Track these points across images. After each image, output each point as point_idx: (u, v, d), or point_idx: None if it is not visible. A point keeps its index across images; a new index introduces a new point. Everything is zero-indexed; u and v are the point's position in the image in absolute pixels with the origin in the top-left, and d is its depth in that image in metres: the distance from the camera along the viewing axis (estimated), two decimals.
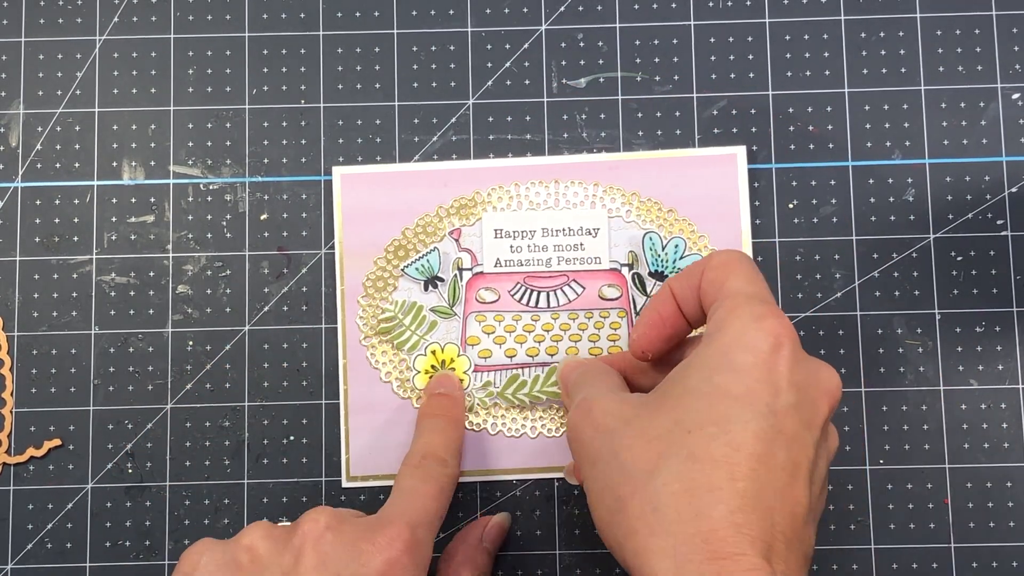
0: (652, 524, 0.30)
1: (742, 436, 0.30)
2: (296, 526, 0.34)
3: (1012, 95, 0.44)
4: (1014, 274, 0.43)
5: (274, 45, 0.44)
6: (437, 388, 0.42)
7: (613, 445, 0.32)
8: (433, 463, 0.38)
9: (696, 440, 0.30)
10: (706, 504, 0.29)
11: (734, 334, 0.32)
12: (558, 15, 0.44)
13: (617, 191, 0.43)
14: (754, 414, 0.30)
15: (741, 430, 0.30)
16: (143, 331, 0.43)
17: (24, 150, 0.44)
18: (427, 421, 0.41)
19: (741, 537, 0.29)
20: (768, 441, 0.30)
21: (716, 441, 0.30)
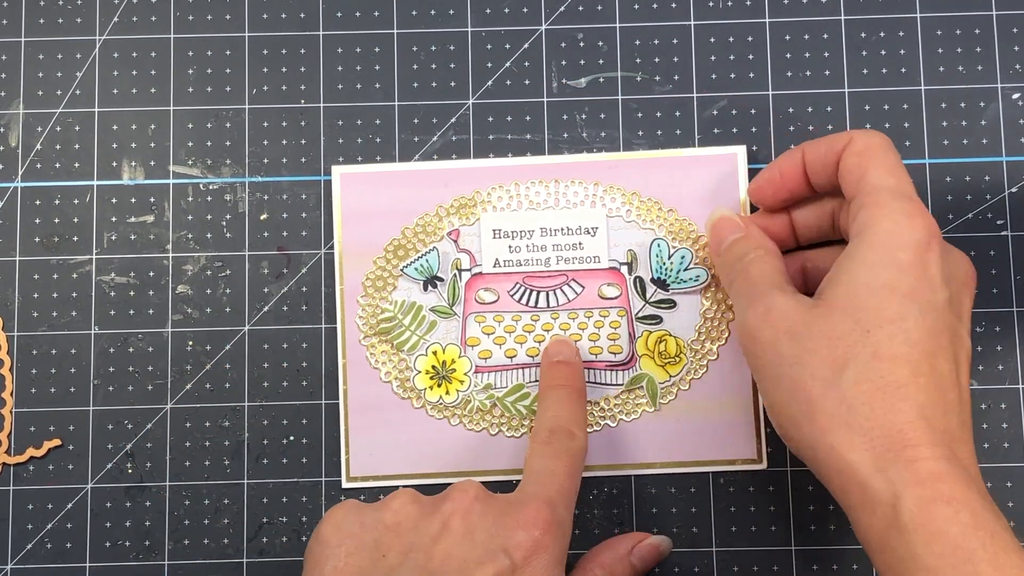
0: (848, 421, 0.32)
1: (917, 333, 0.32)
2: (444, 496, 0.34)
3: (1012, 95, 0.44)
4: (1014, 274, 0.43)
5: (274, 45, 0.44)
6: (556, 356, 0.41)
7: (798, 349, 0.34)
8: (563, 437, 0.38)
9: (877, 339, 0.32)
10: (897, 399, 0.32)
11: (890, 231, 0.33)
12: (558, 15, 0.44)
13: (617, 191, 0.43)
14: (921, 310, 0.32)
15: (915, 327, 0.32)
16: (143, 331, 0.43)
17: (24, 150, 0.44)
18: (551, 392, 0.40)
19: (930, 430, 0.31)
20: (936, 336, 0.32)
21: (895, 339, 0.32)
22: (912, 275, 0.33)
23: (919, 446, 0.31)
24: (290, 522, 0.42)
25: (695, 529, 0.42)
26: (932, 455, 0.31)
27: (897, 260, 0.33)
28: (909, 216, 0.34)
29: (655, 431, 0.42)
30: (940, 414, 0.32)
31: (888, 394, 0.32)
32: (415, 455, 0.42)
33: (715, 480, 0.42)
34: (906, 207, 0.34)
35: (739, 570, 0.42)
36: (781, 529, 0.42)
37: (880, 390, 0.32)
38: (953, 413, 0.32)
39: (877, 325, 0.32)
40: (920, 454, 0.31)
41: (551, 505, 0.34)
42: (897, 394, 0.32)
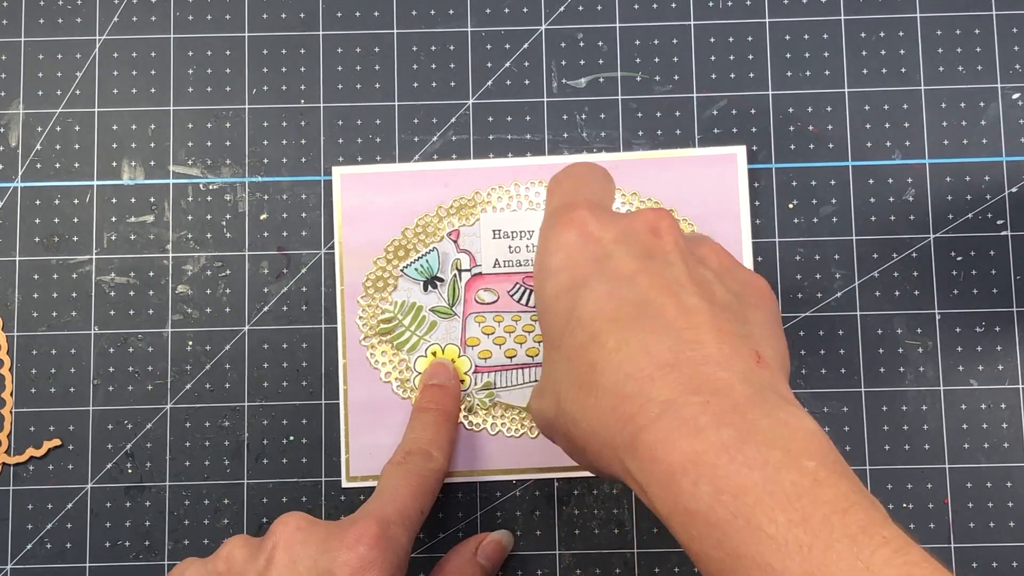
0: (582, 435, 0.29)
1: (589, 308, 0.29)
2: (270, 531, 0.34)
3: (1012, 95, 0.44)
4: (1014, 274, 0.43)
5: (274, 45, 0.44)
6: (431, 379, 0.42)
7: (545, 416, 0.32)
8: (417, 458, 0.38)
9: (564, 346, 0.30)
10: (596, 381, 0.28)
11: (541, 250, 0.32)
12: (558, 15, 0.44)
13: (617, 191, 0.43)
14: (588, 286, 0.29)
15: (584, 305, 0.29)
16: (143, 331, 0.43)
17: (24, 150, 0.44)
18: (418, 415, 0.41)
19: (637, 381, 0.27)
20: (614, 292, 0.29)
21: (575, 332, 0.29)
22: (569, 267, 0.31)
23: (636, 413, 0.27)
24: None
25: None
26: (653, 414, 0.26)
27: (551, 267, 0.31)
28: (552, 226, 0.32)
29: None
30: (648, 357, 0.27)
31: (589, 383, 0.29)
32: None
33: None
34: (552, 220, 0.32)
35: None
36: None
37: (582, 386, 0.29)
38: (672, 336, 0.28)
39: (560, 334, 0.30)
40: (640, 422, 0.26)
41: (382, 522, 0.34)
42: (594, 377, 0.28)
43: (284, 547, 0.33)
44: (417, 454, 0.38)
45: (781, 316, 0.32)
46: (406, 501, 0.36)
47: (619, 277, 0.29)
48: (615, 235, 0.31)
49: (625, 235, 0.31)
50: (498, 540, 0.41)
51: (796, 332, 0.43)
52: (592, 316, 0.29)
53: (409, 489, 0.36)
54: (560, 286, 0.31)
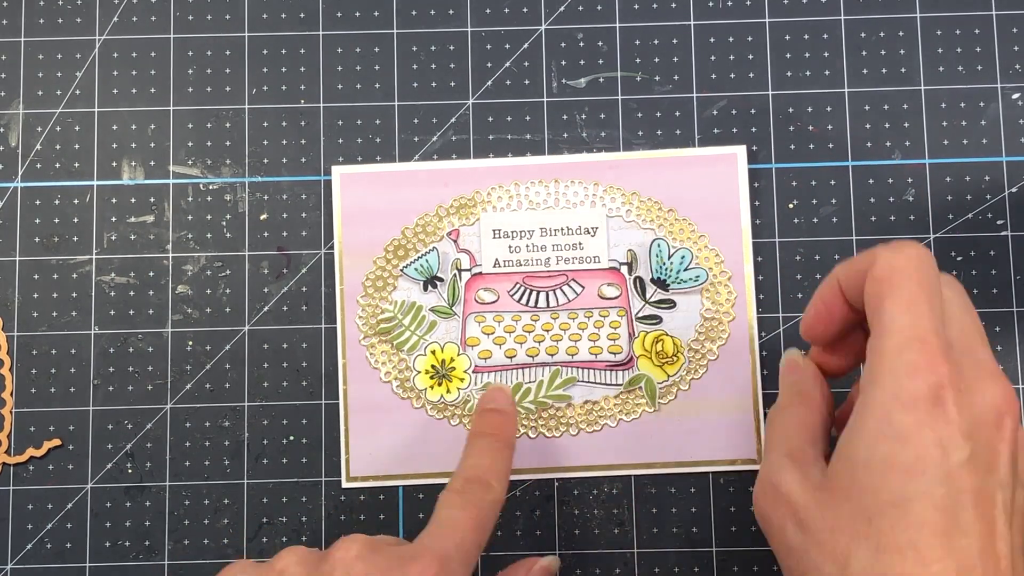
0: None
1: (922, 514, 0.28)
2: (329, 553, 0.33)
3: (1012, 95, 0.44)
4: (1014, 274, 0.43)
5: (274, 45, 0.44)
6: (489, 403, 0.40)
7: (803, 541, 0.31)
8: (476, 488, 0.36)
9: (879, 528, 0.28)
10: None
11: (889, 392, 0.29)
12: (558, 15, 0.44)
13: (617, 191, 0.43)
14: (928, 484, 0.28)
15: (919, 508, 0.28)
16: (143, 331, 0.43)
17: (24, 150, 0.44)
18: (476, 441, 0.38)
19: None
20: (950, 510, 0.28)
21: (898, 526, 0.28)
22: (915, 443, 0.28)
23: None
24: (290, 522, 0.42)
25: (695, 529, 0.42)
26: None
27: (896, 428, 0.29)
28: (912, 370, 0.29)
29: (655, 431, 0.42)
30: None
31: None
32: (415, 455, 0.42)
33: (715, 480, 0.42)
34: (911, 357, 0.29)
35: (739, 570, 0.42)
36: None
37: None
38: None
39: (878, 512, 0.28)
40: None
41: (444, 560, 0.33)
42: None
43: (344, 571, 0.32)
44: (476, 483, 0.36)
45: None
46: (466, 535, 0.34)
47: (959, 490, 0.28)
48: (967, 424, 0.29)
49: (973, 428, 0.29)
50: (547, 566, 0.39)
51: (796, 332, 0.43)
52: (922, 523, 0.28)
53: (469, 522, 0.35)
54: (898, 456, 0.28)
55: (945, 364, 0.29)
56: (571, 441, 0.42)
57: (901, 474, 0.28)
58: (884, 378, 0.29)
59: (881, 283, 0.30)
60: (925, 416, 0.28)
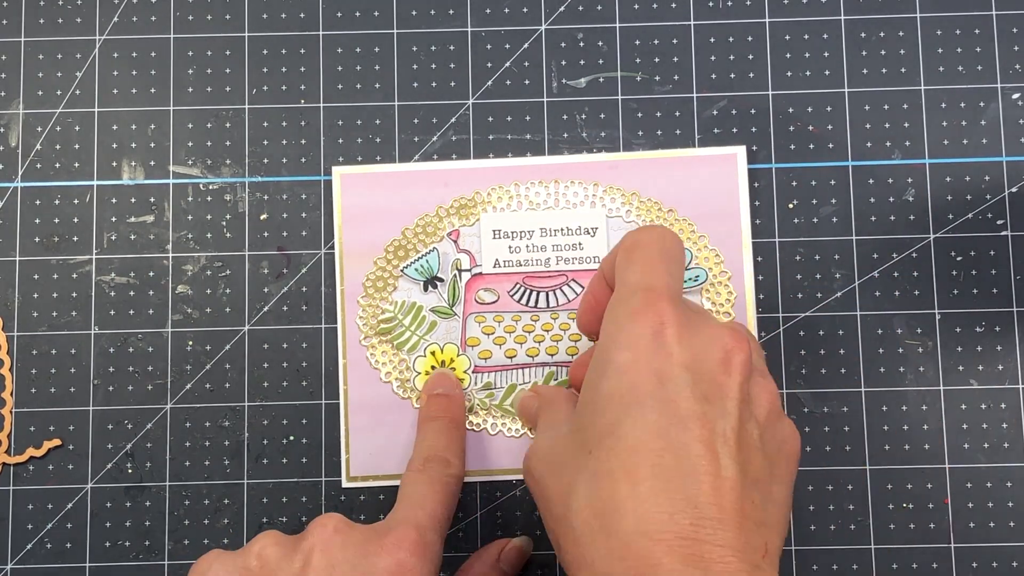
0: (577, 556, 0.29)
1: (636, 437, 0.28)
2: (305, 532, 0.34)
3: (1012, 95, 0.44)
4: (1014, 274, 0.43)
5: (274, 45, 0.44)
6: (435, 388, 0.42)
7: (543, 491, 0.32)
8: (436, 465, 0.38)
9: (595, 458, 0.29)
10: (614, 520, 0.28)
11: (611, 334, 0.31)
12: (558, 15, 0.44)
13: (617, 191, 0.43)
14: (642, 409, 0.29)
15: (631, 430, 0.29)
16: (143, 331, 0.43)
17: (24, 150, 0.44)
18: (428, 424, 0.40)
19: (655, 543, 0.27)
20: (664, 431, 0.28)
21: (611, 452, 0.29)
22: (631, 374, 0.29)
23: (645, 569, 0.27)
24: (290, 522, 0.42)
25: None
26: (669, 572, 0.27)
27: (616, 363, 0.30)
28: (632, 314, 0.30)
29: None
30: (671, 522, 0.27)
31: (604, 517, 0.28)
32: None
33: None
34: (633, 304, 0.30)
35: None
36: None
37: (597, 514, 0.28)
38: (697, 511, 0.27)
39: (596, 442, 0.29)
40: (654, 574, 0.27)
41: (419, 528, 0.34)
42: (614, 515, 0.28)
43: (322, 549, 0.32)
44: (435, 460, 0.38)
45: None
46: (435, 507, 0.35)
47: (674, 414, 0.29)
48: (688, 358, 0.30)
49: (697, 360, 0.30)
50: (519, 546, 0.41)
51: (796, 332, 0.43)
52: (634, 447, 0.28)
53: (435, 495, 0.36)
54: (616, 388, 0.30)
55: (669, 307, 0.30)
56: None
57: (617, 404, 0.29)
58: (609, 324, 0.31)
59: (627, 252, 0.33)
60: (644, 352, 0.29)
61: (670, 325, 0.30)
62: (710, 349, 0.30)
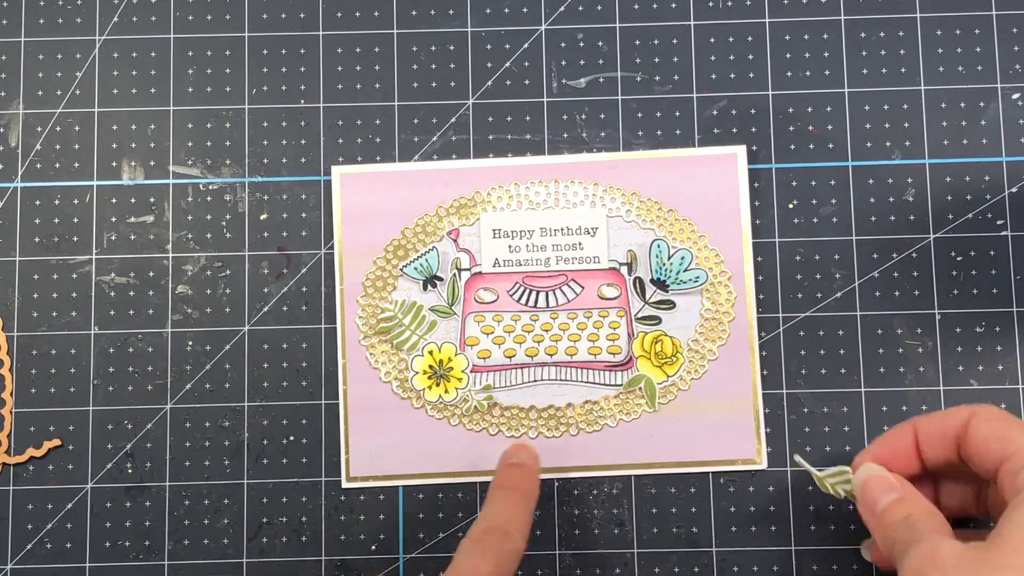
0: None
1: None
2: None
3: (1012, 95, 0.44)
4: (1014, 274, 0.43)
5: (274, 45, 0.44)
6: (511, 458, 0.41)
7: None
8: (495, 538, 0.37)
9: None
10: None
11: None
12: (558, 15, 0.44)
13: (617, 191, 0.43)
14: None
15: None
16: (143, 331, 0.43)
17: (24, 150, 0.44)
18: (497, 493, 0.39)
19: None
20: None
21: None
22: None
23: None
24: (290, 522, 0.42)
25: (695, 529, 0.42)
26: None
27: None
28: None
29: (655, 431, 0.42)
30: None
31: None
32: (415, 455, 0.42)
33: (715, 480, 0.42)
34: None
35: (739, 570, 0.42)
36: (781, 529, 0.42)
37: None
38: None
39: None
40: None
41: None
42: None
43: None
44: (495, 533, 0.37)
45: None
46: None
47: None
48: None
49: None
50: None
51: (796, 332, 0.43)
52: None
53: (488, 570, 0.35)
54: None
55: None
56: (571, 441, 0.42)
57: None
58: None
59: (999, 422, 0.35)
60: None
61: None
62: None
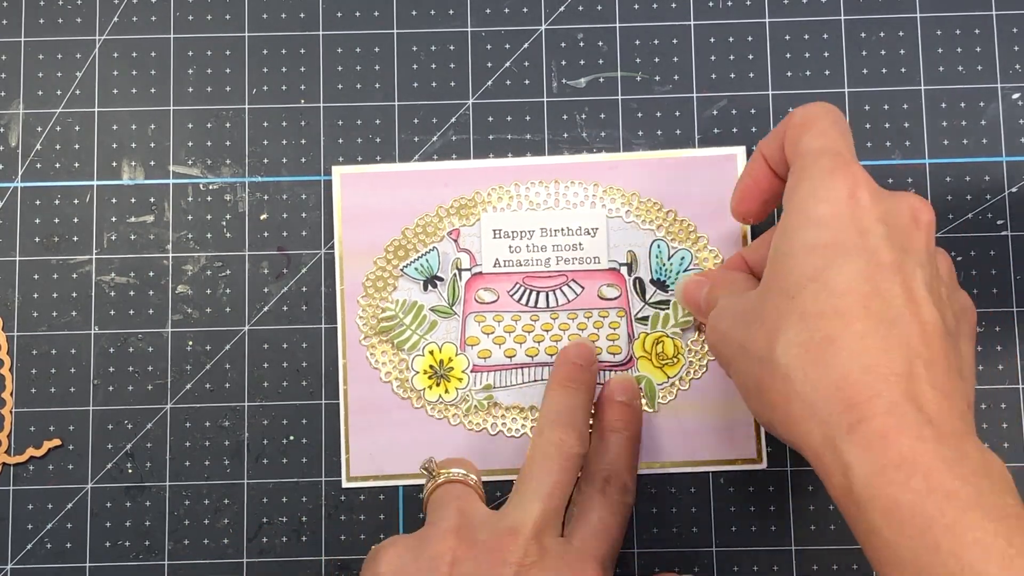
0: (786, 393, 0.30)
1: (843, 281, 0.30)
2: (501, 554, 0.33)
3: (1012, 95, 0.44)
4: (1014, 274, 0.43)
5: (274, 45, 0.44)
6: (618, 395, 0.40)
7: (741, 343, 0.33)
8: (617, 491, 0.37)
9: (801, 301, 0.30)
10: (828, 355, 0.29)
11: (807, 190, 0.32)
12: (558, 15, 0.44)
13: (617, 191, 0.43)
14: (847, 257, 0.30)
15: (839, 275, 0.30)
16: (143, 331, 0.43)
17: (24, 150, 0.44)
18: (609, 436, 0.39)
19: (873, 376, 0.28)
20: (870, 276, 0.30)
21: (819, 295, 0.30)
22: (831, 226, 0.31)
23: (863, 402, 0.28)
24: (290, 522, 0.42)
25: (695, 529, 0.42)
26: (881, 409, 0.28)
27: (815, 215, 0.31)
28: (827, 172, 0.32)
29: (655, 431, 0.42)
30: (887, 358, 0.29)
31: (819, 352, 0.29)
32: (415, 455, 0.42)
33: (715, 480, 0.42)
34: (826, 163, 0.32)
35: (739, 570, 0.42)
36: (781, 529, 0.42)
37: (810, 351, 0.29)
38: (910, 350, 0.29)
39: (799, 287, 0.30)
40: (865, 412, 0.28)
41: (604, 567, 0.34)
42: (829, 350, 0.29)
43: (520, 568, 0.33)
44: (616, 485, 0.37)
45: None
46: (616, 541, 0.35)
47: (877, 262, 0.30)
48: (881, 212, 0.31)
49: (889, 215, 0.31)
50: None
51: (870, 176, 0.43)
52: (844, 290, 0.30)
53: (618, 527, 0.36)
54: (817, 239, 0.31)
55: (859, 169, 0.32)
56: None
57: (820, 252, 0.31)
58: (803, 184, 0.32)
59: (799, 126, 0.34)
60: (842, 207, 0.31)
61: (863, 184, 0.31)
62: (900, 207, 0.32)
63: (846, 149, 0.33)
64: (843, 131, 0.34)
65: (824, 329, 0.29)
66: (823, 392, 0.29)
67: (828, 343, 0.29)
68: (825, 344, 0.29)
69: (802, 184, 0.32)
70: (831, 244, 0.31)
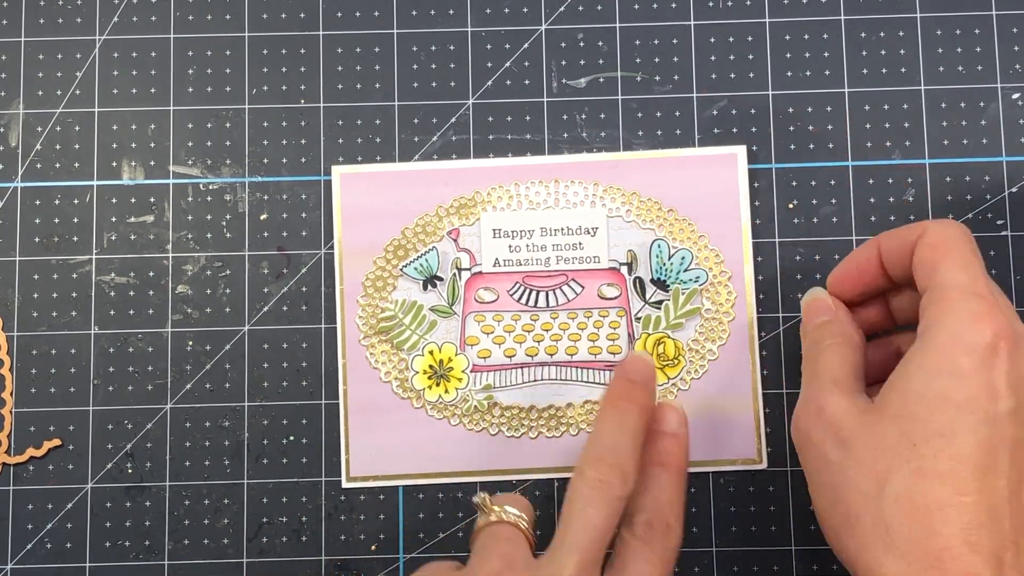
0: (885, 542, 0.30)
1: (966, 448, 0.30)
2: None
3: (1012, 95, 0.44)
4: (1014, 274, 0.43)
5: (274, 45, 0.45)
6: (663, 426, 0.38)
7: (844, 457, 0.32)
8: (659, 535, 0.35)
9: (922, 453, 0.30)
10: (937, 522, 0.30)
11: (951, 334, 0.31)
12: (558, 15, 0.44)
13: (617, 191, 0.43)
14: (976, 423, 0.30)
15: (964, 441, 0.30)
16: (143, 331, 0.43)
17: (24, 150, 0.44)
18: (653, 472, 0.36)
19: (973, 555, 0.29)
20: (991, 450, 0.30)
21: (941, 454, 0.30)
22: (972, 382, 0.31)
23: (959, 574, 0.29)
24: (290, 522, 0.42)
25: (695, 529, 0.42)
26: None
27: (955, 367, 0.31)
28: (975, 317, 0.31)
29: None
30: (987, 535, 0.30)
31: (928, 514, 0.30)
32: (415, 455, 0.42)
33: (715, 480, 0.42)
34: (973, 307, 0.32)
35: (739, 570, 0.42)
36: (781, 529, 0.42)
37: (919, 510, 0.30)
38: (1009, 531, 0.30)
39: (924, 439, 0.31)
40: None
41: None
42: (938, 515, 0.30)
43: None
44: (659, 528, 0.35)
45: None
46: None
47: (1002, 436, 0.30)
48: (1015, 379, 0.31)
49: (1020, 382, 0.31)
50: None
51: (796, 332, 0.43)
52: (965, 457, 0.30)
53: (659, 573, 0.34)
54: (955, 392, 0.31)
55: (1003, 317, 0.31)
56: (572, 441, 0.42)
57: (953, 408, 0.30)
58: (947, 322, 0.32)
59: (935, 248, 0.34)
60: (982, 361, 0.31)
61: (1005, 341, 0.31)
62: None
63: (987, 287, 0.33)
64: (980, 261, 0.33)
65: (939, 493, 0.30)
66: (924, 556, 0.30)
67: (939, 509, 0.30)
68: (936, 509, 0.30)
69: (946, 322, 0.32)
70: (965, 404, 0.31)
